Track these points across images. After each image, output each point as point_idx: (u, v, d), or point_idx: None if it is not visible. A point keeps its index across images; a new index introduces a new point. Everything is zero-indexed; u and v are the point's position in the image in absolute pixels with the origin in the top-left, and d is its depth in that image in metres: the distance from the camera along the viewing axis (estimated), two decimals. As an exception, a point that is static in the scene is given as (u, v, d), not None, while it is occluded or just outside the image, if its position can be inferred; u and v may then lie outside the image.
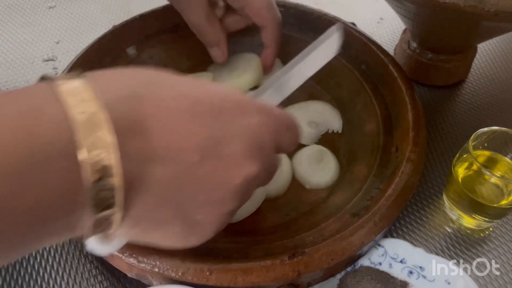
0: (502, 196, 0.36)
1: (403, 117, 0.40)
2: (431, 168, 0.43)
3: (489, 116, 0.48)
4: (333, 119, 0.45)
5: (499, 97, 0.50)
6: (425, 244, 0.38)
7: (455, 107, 0.49)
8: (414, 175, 0.36)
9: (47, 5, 0.61)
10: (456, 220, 0.39)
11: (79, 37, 0.56)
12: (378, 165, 0.39)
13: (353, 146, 0.42)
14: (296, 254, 0.31)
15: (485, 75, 0.52)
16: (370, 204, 0.35)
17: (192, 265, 0.30)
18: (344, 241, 0.32)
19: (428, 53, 0.48)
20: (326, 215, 0.36)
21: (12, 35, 0.56)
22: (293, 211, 0.39)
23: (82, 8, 0.61)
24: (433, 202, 0.41)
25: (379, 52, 0.44)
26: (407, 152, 0.37)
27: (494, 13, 0.34)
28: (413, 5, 0.40)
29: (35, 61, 0.53)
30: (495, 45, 0.56)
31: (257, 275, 0.30)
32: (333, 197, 0.39)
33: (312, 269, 0.31)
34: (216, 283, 0.30)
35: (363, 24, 0.49)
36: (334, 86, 0.46)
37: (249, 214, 0.37)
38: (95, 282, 0.35)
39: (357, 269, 0.35)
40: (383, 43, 0.45)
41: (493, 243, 0.38)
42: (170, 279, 0.30)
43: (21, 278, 0.35)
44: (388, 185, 0.35)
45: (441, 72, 0.49)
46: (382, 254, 0.36)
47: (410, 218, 0.40)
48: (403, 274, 0.35)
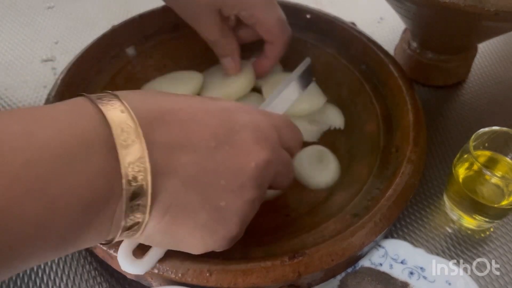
0: (503, 196, 0.36)
1: (404, 117, 0.39)
2: (431, 169, 0.43)
3: (489, 116, 0.48)
4: (335, 116, 0.45)
5: (499, 97, 0.50)
6: (426, 244, 0.38)
7: (455, 107, 0.49)
8: (415, 176, 0.36)
9: (45, 5, 0.60)
10: (457, 221, 0.39)
11: (78, 37, 0.56)
12: (378, 166, 0.39)
13: (353, 147, 0.42)
14: (297, 255, 0.31)
15: (486, 75, 0.52)
16: (371, 204, 0.35)
17: (191, 266, 0.30)
18: (345, 242, 0.32)
19: (428, 53, 0.48)
20: (326, 216, 0.36)
21: (11, 35, 0.56)
22: (293, 211, 0.38)
23: (81, 8, 0.60)
24: (434, 202, 0.41)
25: (379, 52, 0.44)
26: (407, 153, 0.37)
27: (494, 13, 0.34)
28: (413, 5, 0.40)
29: (34, 61, 0.53)
30: (496, 45, 0.56)
31: (257, 276, 0.30)
32: (333, 198, 0.39)
33: (313, 270, 0.31)
34: (216, 284, 0.30)
35: (363, 24, 0.49)
36: (334, 86, 0.46)
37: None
38: (94, 284, 0.35)
39: (357, 270, 0.35)
40: (383, 43, 0.45)
41: (494, 243, 0.38)
42: (170, 280, 0.30)
43: (20, 280, 0.35)
44: (389, 186, 0.35)
45: (441, 72, 0.49)
46: (383, 255, 0.35)
47: (410, 219, 0.40)
48: (403, 275, 0.35)
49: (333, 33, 0.47)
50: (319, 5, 0.49)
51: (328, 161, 0.41)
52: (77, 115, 0.22)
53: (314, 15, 0.47)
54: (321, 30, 0.47)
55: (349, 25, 0.47)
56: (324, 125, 0.44)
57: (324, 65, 0.47)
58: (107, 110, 0.22)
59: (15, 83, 0.51)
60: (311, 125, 0.44)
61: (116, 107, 0.22)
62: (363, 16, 0.56)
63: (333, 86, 0.47)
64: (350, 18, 0.48)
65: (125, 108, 0.22)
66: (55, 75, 0.52)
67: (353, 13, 0.54)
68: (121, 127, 0.22)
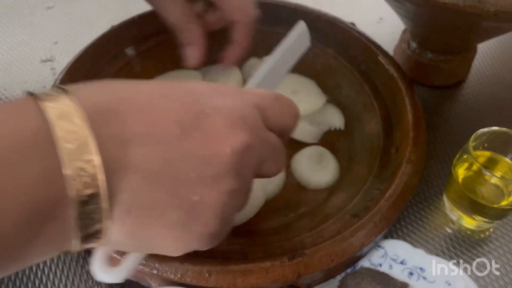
0: (502, 196, 0.36)
1: (403, 117, 0.39)
2: (431, 169, 0.43)
3: (489, 116, 0.48)
4: (335, 116, 0.45)
5: (499, 97, 0.50)
6: (425, 245, 0.38)
7: (455, 107, 0.49)
8: (414, 176, 0.36)
9: (45, 6, 0.60)
10: (456, 221, 0.39)
11: (77, 38, 0.56)
12: (378, 166, 0.39)
13: (353, 147, 0.42)
14: (296, 256, 0.31)
15: (485, 75, 0.52)
16: (370, 205, 0.35)
17: (191, 267, 0.30)
18: (344, 242, 0.32)
19: (428, 53, 0.48)
20: (326, 216, 0.36)
21: (10, 35, 0.56)
22: (292, 212, 0.38)
23: (80, 9, 0.60)
24: (433, 203, 0.41)
25: (378, 52, 0.44)
26: (407, 153, 0.37)
27: (493, 13, 0.34)
28: (413, 5, 0.40)
29: (33, 62, 0.53)
30: (495, 45, 0.56)
31: (257, 277, 0.30)
32: (333, 198, 0.39)
33: (312, 271, 0.31)
34: (216, 285, 0.30)
35: (363, 24, 0.49)
36: (334, 87, 0.46)
37: (248, 218, 0.37)
38: (93, 285, 0.35)
39: (357, 270, 0.35)
40: (383, 43, 0.45)
41: (494, 244, 0.38)
42: (169, 281, 0.30)
43: (19, 280, 0.35)
44: (388, 186, 0.35)
45: (441, 72, 0.49)
46: (382, 255, 0.35)
47: (410, 219, 0.39)
48: (403, 275, 0.35)
49: (332, 34, 0.47)
50: (318, 6, 0.49)
51: (328, 162, 0.41)
52: (15, 115, 0.19)
53: (313, 16, 0.47)
54: (320, 30, 0.47)
55: (349, 25, 0.47)
56: (324, 126, 0.44)
57: (324, 65, 0.47)
58: (50, 107, 0.19)
59: (14, 83, 0.51)
60: (312, 126, 0.44)
61: (61, 102, 0.20)
62: (363, 17, 0.56)
63: (333, 87, 0.47)
64: (350, 19, 0.48)
65: (71, 102, 0.20)
66: (55, 75, 0.52)
67: (353, 13, 0.54)
68: (64, 124, 0.19)
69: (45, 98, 0.20)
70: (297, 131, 0.43)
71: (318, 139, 0.44)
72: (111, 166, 0.20)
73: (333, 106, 0.46)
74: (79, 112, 0.19)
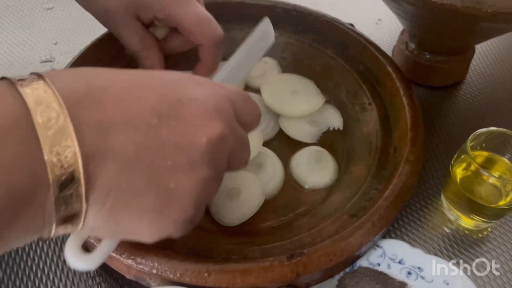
0: (500, 196, 0.36)
1: (401, 118, 0.40)
2: (429, 169, 0.43)
3: (487, 116, 0.48)
4: (333, 117, 0.45)
5: (497, 98, 0.50)
6: (424, 244, 0.38)
7: (453, 107, 0.49)
8: (413, 176, 0.36)
9: (44, 7, 0.60)
10: (455, 221, 0.39)
11: (77, 38, 0.56)
12: (376, 166, 0.39)
13: (352, 147, 0.43)
14: (295, 255, 0.31)
15: (483, 75, 0.52)
16: (369, 205, 0.35)
17: (190, 266, 0.30)
18: (343, 242, 0.32)
19: (426, 54, 0.49)
20: (324, 216, 0.36)
21: (10, 36, 0.56)
22: (291, 212, 0.39)
23: (80, 9, 0.60)
24: (432, 202, 0.41)
25: (377, 53, 0.44)
26: (405, 153, 0.37)
27: (491, 14, 0.35)
28: (411, 6, 0.40)
29: (33, 63, 0.53)
30: (493, 46, 0.56)
31: (256, 276, 0.30)
32: (331, 198, 0.39)
33: (311, 270, 0.31)
34: (215, 284, 0.30)
35: (361, 25, 0.50)
36: (332, 87, 0.47)
37: (247, 218, 0.37)
38: (93, 284, 0.35)
39: (355, 270, 0.35)
40: (381, 44, 0.45)
41: (492, 243, 0.38)
42: (169, 281, 0.30)
43: (19, 280, 0.35)
44: (387, 186, 0.35)
45: (439, 73, 0.50)
46: (381, 255, 0.36)
47: (408, 219, 0.40)
48: (401, 275, 0.35)
49: (331, 34, 0.47)
50: (317, 6, 0.49)
51: (327, 162, 0.41)
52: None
53: (313, 17, 0.48)
54: (319, 31, 0.47)
55: (348, 26, 0.47)
56: (323, 126, 0.45)
57: (323, 66, 0.47)
58: (27, 92, 0.20)
59: (14, 84, 0.51)
60: (311, 127, 0.44)
61: (38, 87, 0.20)
62: (361, 18, 0.56)
63: (332, 87, 0.47)
64: (349, 19, 0.48)
65: (48, 88, 0.20)
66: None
67: (352, 14, 0.54)
68: (42, 109, 0.19)
69: (22, 84, 0.20)
70: (296, 131, 0.44)
71: (317, 139, 0.44)
72: (89, 151, 0.20)
73: (332, 106, 0.46)
74: (56, 98, 0.20)
